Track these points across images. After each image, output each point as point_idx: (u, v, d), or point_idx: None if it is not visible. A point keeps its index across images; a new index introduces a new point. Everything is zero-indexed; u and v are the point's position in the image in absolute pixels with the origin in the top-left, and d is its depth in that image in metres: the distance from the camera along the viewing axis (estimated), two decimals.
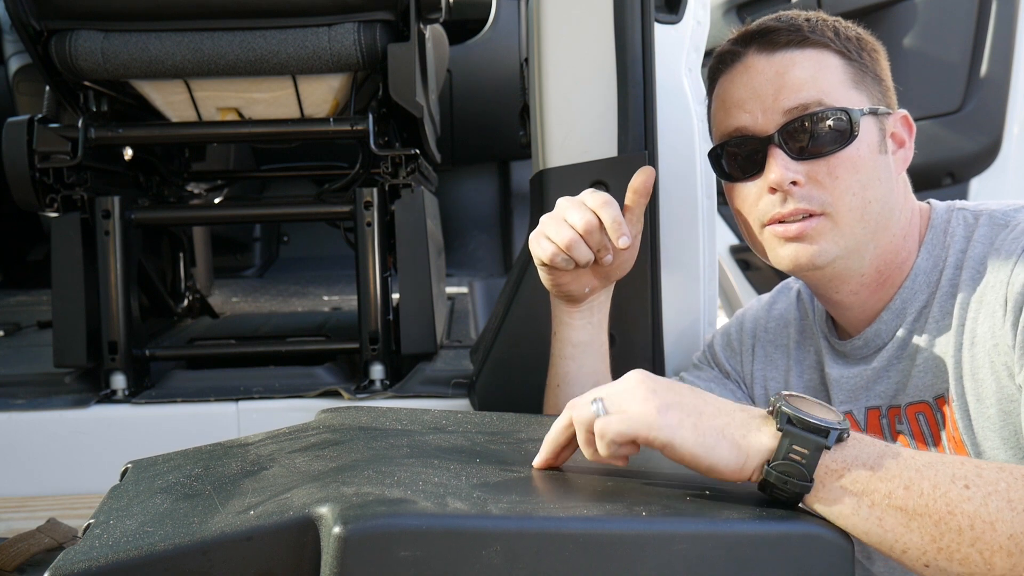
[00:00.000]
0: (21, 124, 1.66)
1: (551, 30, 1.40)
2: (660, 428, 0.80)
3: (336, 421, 1.05)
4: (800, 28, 1.11)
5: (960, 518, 0.77)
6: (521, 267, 1.45)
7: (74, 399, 1.61)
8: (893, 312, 1.13)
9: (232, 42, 1.60)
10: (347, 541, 0.69)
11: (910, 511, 0.78)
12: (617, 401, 0.83)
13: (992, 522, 0.76)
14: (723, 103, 1.15)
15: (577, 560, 0.71)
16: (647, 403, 0.82)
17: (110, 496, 0.89)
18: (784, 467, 0.79)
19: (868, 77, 1.12)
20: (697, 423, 0.81)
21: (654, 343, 1.42)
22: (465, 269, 3.48)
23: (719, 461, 0.80)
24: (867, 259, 1.10)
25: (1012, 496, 0.77)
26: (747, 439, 0.81)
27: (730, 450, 0.80)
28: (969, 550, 0.77)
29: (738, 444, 0.81)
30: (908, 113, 1.16)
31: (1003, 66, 2.69)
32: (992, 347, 1.02)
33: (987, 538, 0.76)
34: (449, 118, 3.29)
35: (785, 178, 1.07)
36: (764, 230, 1.12)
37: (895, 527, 0.78)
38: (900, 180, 1.13)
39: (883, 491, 0.78)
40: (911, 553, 0.79)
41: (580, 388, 1.23)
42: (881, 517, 0.78)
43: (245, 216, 2.70)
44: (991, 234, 1.07)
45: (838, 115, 1.07)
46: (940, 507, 0.78)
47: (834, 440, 0.79)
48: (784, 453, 0.79)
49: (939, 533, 0.77)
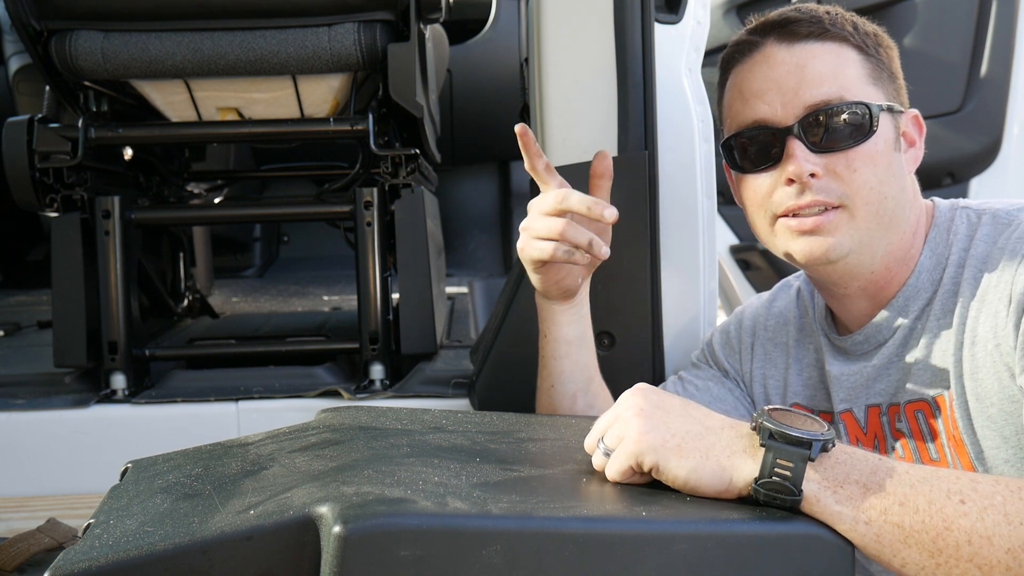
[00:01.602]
0: (21, 124, 1.66)
1: (551, 30, 1.40)
2: (646, 454, 0.82)
3: (336, 421, 1.05)
4: (821, 20, 1.11)
5: (957, 534, 0.77)
6: (521, 267, 1.45)
7: (74, 399, 1.61)
8: (895, 309, 1.13)
9: (232, 42, 1.60)
10: (347, 540, 0.69)
11: (907, 528, 0.78)
12: (614, 435, 0.86)
13: (989, 537, 0.77)
14: (740, 93, 1.14)
15: (577, 560, 0.71)
16: (636, 430, 0.83)
17: (110, 496, 0.89)
18: (771, 484, 0.79)
19: (885, 74, 1.12)
20: (681, 445, 0.82)
21: (654, 342, 1.42)
22: (465, 269, 3.48)
23: (703, 483, 0.81)
24: (878, 256, 1.10)
25: (1009, 510, 0.77)
26: (731, 460, 0.81)
27: (714, 472, 0.81)
28: (967, 565, 0.77)
29: (723, 466, 0.81)
30: (919, 113, 1.16)
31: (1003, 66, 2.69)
32: (994, 347, 1.02)
33: (985, 553, 0.76)
34: (449, 118, 3.29)
35: (804, 170, 1.07)
36: (777, 222, 1.12)
37: (893, 543, 0.78)
38: (910, 179, 1.14)
39: (879, 508, 0.78)
40: (910, 568, 0.79)
41: (573, 385, 1.23)
42: (879, 534, 0.78)
43: (245, 216, 2.70)
44: (994, 233, 1.07)
45: (858, 110, 1.07)
46: (937, 523, 0.78)
47: (818, 451, 0.79)
48: (769, 469, 0.79)
49: (937, 549, 0.77)
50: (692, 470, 0.81)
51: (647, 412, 0.84)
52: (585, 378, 1.24)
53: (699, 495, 0.81)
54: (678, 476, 0.81)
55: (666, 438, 0.82)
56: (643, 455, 0.82)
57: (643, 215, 1.38)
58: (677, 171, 1.47)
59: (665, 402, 0.87)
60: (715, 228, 1.54)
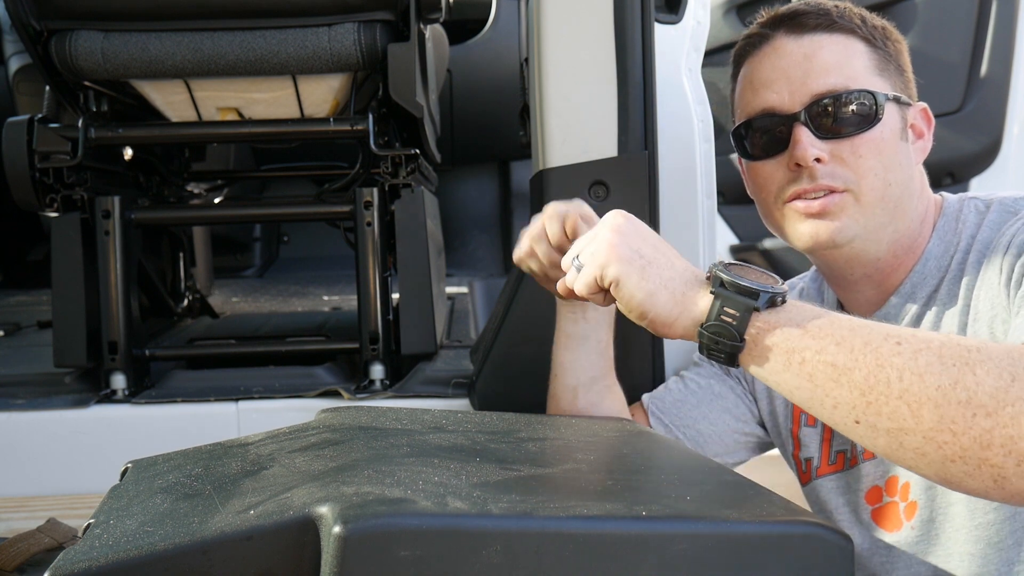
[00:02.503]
0: (21, 124, 1.66)
1: (551, 30, 1.40)
2: (611, 265, 0.90)
3: (336, 421, 1.05)
4: (829, 13, 1.14)
5: (889, 370, 0.77)
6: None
7: (74, 399, 1.61)
8: (903, 296, 1.14)
9: (232, 42, 1.60)
10: (347, 541, 0.69)
11: (840, 366, 0.78)
12: (589, 252, 0.93)
13: (921, 374, 0.76)
14: (750, 83, 1.17)
15: (577, 560, 0.71)
16: (608, 243, 0.91)
17: (110, 496, 0.89)
18: (715, 327, 0.83)
19: (891, 66, 1.14)
20: (645, 269, 0.88)
21: (654, 342, 1.42)
22: (465, 269, 3.48)
23: (654, 308, 0.86)
24: (884, 242, 1.12)
25: (944, 353, 0.77)
26: (686, 296, 0.87)
27: (667, 301, 0.86)
28: (897, 403, 0.76)
29: (676, 299, 0.86)
30: (928, 106, 1.18)
31: (1003, 66, 2.69)
32: (991, 318, 1.03)
33: (915, 389, 0.76)
34: (449, 118, 3.29)
35: (810, 154, 1.09)
36: (785, 207, 1.13)
37: (825, 382, 0.79)
38: (918, 170, 1.16)
39: (814, 347, 0.80)
40: (841, 409, 0.79)
41: (574, 379, 1.24)
42: (812, 373, 0.79)
43: (245, 216, 2.70)
44: (1000, 220, 1.09)
45: (864, 98, 1.09)
46: (870, 361, 0.78)
47: (765, 301, 0.82)
48: (716, 315, 0.83)
49: (868, 387, 0.77)
50: (649, 294, 0.87)
51: (623, 231, 0.91)
52: (588, 376, 1.24)
53: (644, 323, 0.88)
54: (634, 296, 0.87)
55: (633, 257, 0.89)
56: (608, 266, 0.89)
57: (643, 215, 1.38)
58: (677, 171, 1.47)
59: (642, 229, 0.93)
60: (715, 228, 1.54)
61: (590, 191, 1.39)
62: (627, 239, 0.91)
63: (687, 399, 1.31)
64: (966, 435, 0.73)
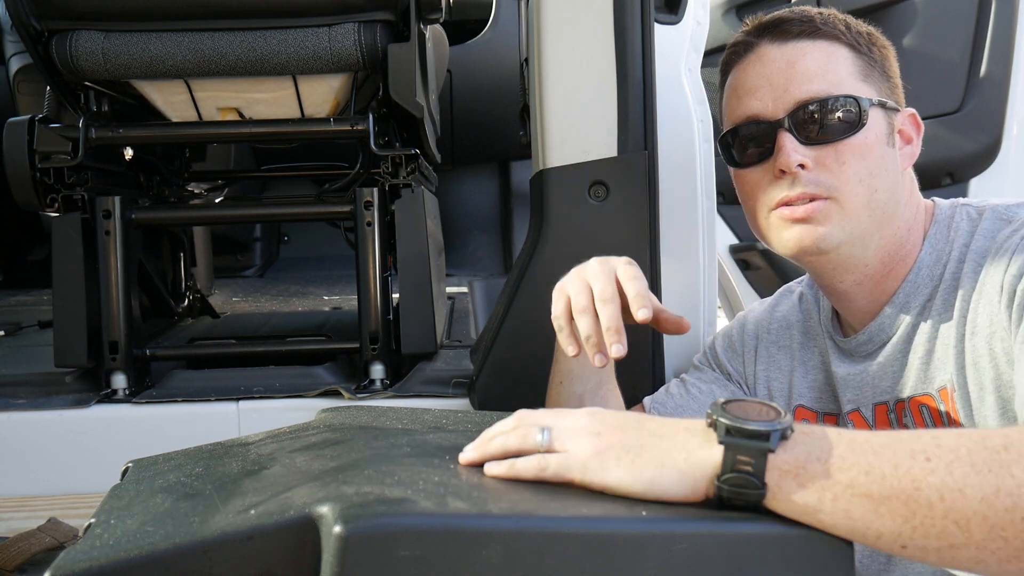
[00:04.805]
0: (22, 124, 1.66)
1: (551, 30, 1.40)
2: (594, 472, 0.79)
3: (336, 420, 1.05)
4: (812, 20, 1.14)
5: (928, 492, 0.74)
6: (521, 267, 1.45)
7: (75, 399, 1.61)
8: (896, 306, 1.14)
9: (232, 42, 1.60)
10: (348, 540, 0.69)
11: (876, 496, 0.75)
12: (562, 437, 0.82)
13: (961, 489, 0.73)
14: (735, 91, 1.17)
15: (577, 560, 0.71)
16: (587, 446, 0.81)
17: (111, 495, 0.89)
18: (734, 479, 0.76)
19: (876, 71, 1.14)
20: (635, 461, 0.79)
21: (654, 344, 1.42)
22: (465, 269, 3.48)
23: (665, 492, 0.78)
24: (871, 249, 1.11)
25: (975, 460, 0.74)
26: (690, 462, 0.78)
27: (674, 478, 0.78)
28: (944, 522, 0.74)
29: (681, 471, 0.78)
30: (916, 112, 1.17)
31: (1003, 66, 2.69)
32: (990, 334, 1.03)
33: (960, 507, 0.73)
34: (449, 118, 3.29)
35: (793, 160, 1.09)
36: (771, 214, 1.14)
37: (864, 515, 0.75)
38: (906, 176, 1.15)
39: (844, 482, 0.75)
40: (886, 538, 0.75)
41: (581, 386, 1.23)
42: (847, 509, 0.75)
43: (245, 216, 2.69)
44: (994, 228, 1.08)
45: (848, 103, 1.09)
46: (906, 485, 0.74)
47: (776, 441, 0.76)
48: (731, 466, 0.76)
49: (910, 512, 0.74)
50: (650, 483, 0.78)
51: (603, 434, 0.81)
52: (594, 382, 1.24)
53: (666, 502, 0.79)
54: (636, 492, 0.78)
55: (619, 456, 0.80)
56: (588, 474, 0.79)
57: (643, 215, 1.38)
58: (677, 171, 1.47)
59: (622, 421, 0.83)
60: (715, 228, 1.54)
61: (590, 191, 1.39)
62: (604, 438, 0.81)
63: (689, 404, 1.31)
64: (1018, 539, 0.72)
